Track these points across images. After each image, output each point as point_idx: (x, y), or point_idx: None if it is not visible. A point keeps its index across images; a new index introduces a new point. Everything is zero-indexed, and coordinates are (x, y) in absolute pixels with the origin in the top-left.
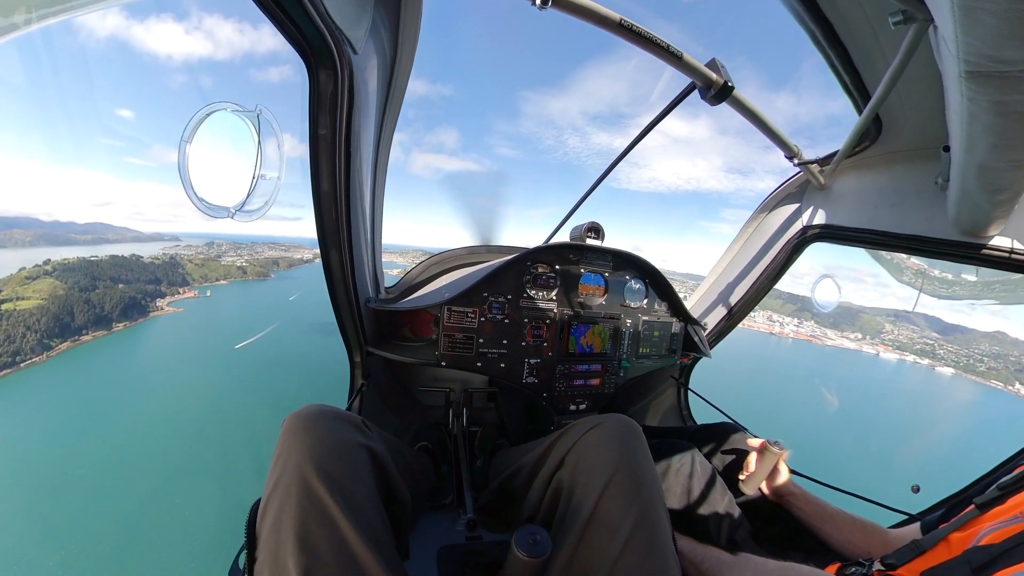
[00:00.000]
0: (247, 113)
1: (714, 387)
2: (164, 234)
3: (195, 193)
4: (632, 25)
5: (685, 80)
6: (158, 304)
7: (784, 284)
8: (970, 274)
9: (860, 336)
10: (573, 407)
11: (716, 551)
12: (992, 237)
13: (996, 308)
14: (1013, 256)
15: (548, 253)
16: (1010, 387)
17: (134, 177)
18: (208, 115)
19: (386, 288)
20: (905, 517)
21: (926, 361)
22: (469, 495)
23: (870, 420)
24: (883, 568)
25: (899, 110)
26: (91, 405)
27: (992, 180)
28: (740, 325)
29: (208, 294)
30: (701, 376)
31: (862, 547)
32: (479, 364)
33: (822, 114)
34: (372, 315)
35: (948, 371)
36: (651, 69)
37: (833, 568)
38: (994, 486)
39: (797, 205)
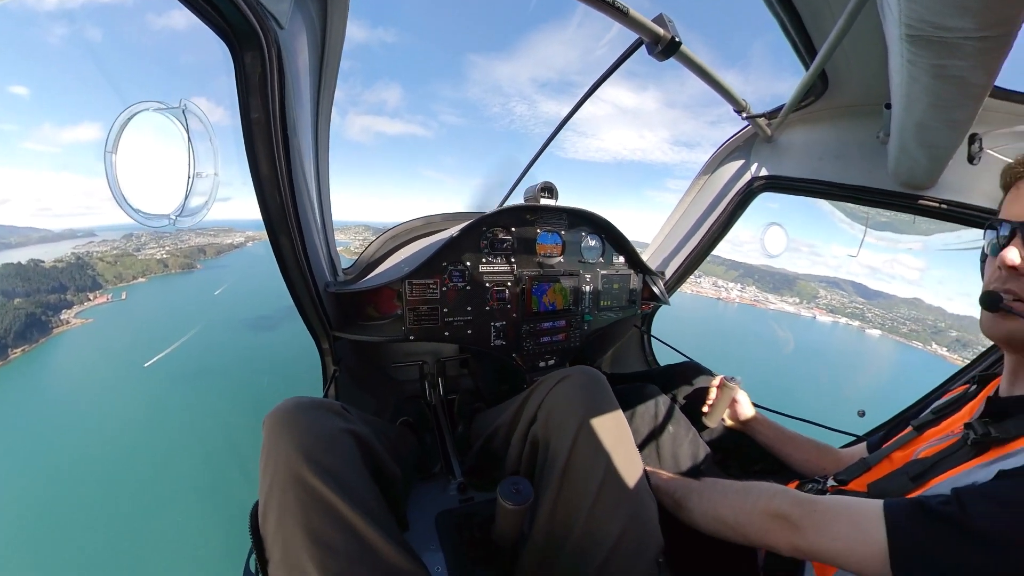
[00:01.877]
0: (171, 110)
1: (675, 337)
2: (77, 230)
3: (130, 206)
4: None
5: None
6: (63, 317)
7: (726, 252)
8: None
9: (798, 300)
10: (542, 363)
11: (686, 480)
12: (927, 189)
13: (914, 276)
14: (943, 207)
15: (504, 216)
16: (928, 347)
17: (36, 166)
18: (130, 119)
19: (343, 270)
20: (853, 438)
21: (856, 323)
22: (456, 460)
23: (818, 367)
24: (836, 483)
25: (845, 68)
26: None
27: (929, 137)
28: (691, 291)
29: (123, 296)
30: (664, 325)
31: (817, 465)
32: (447, 333)
33: (770, 70)
34: (333, 299)
35: (876, 332)
36: (602, 36)
37: (793, 485)
38: (928, 410)
39: (744, 160)
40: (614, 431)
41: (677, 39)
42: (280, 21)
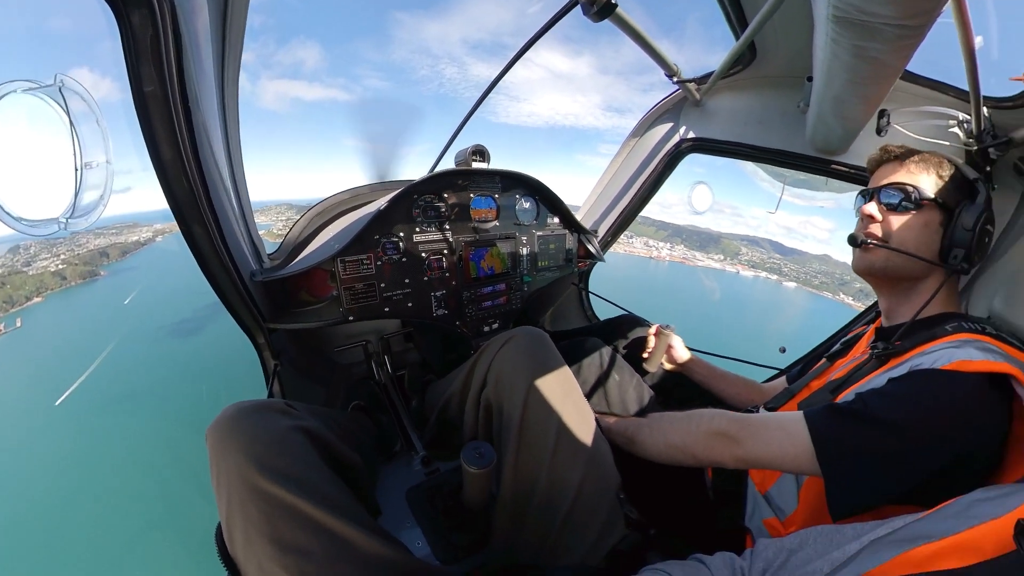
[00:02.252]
0: (45, 89)
1: (614, 293)
2: None
3: (8, 214)
4: None
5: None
6: None
7: (656, 213)
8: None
9: (722, 257)
10: (486, 328)
11: (635, 418)
12: (839, 155)
13: (824, 236)
14: (852, 171)
15: (435, 182)
16: (836, 296)
17: None
18: None
19: (269, 255)
20: (775, 371)
21: (775, 277)
22: (415, 435)
23: (743, 314)
24: (767, 411)
25: (772, 41)
26: None
27: (844, 109)
28: (624, 251)
29: (19, 323)
30: (602, 282)
31: (747, 398)
32: (387, 309)
33: (701, 41)
34: (262, 288)
35: (792, 285)
36: None
37: None
38: (838, 343)
39: (673, 123)
40: (562, 386)
41: (614, 0)
42: None
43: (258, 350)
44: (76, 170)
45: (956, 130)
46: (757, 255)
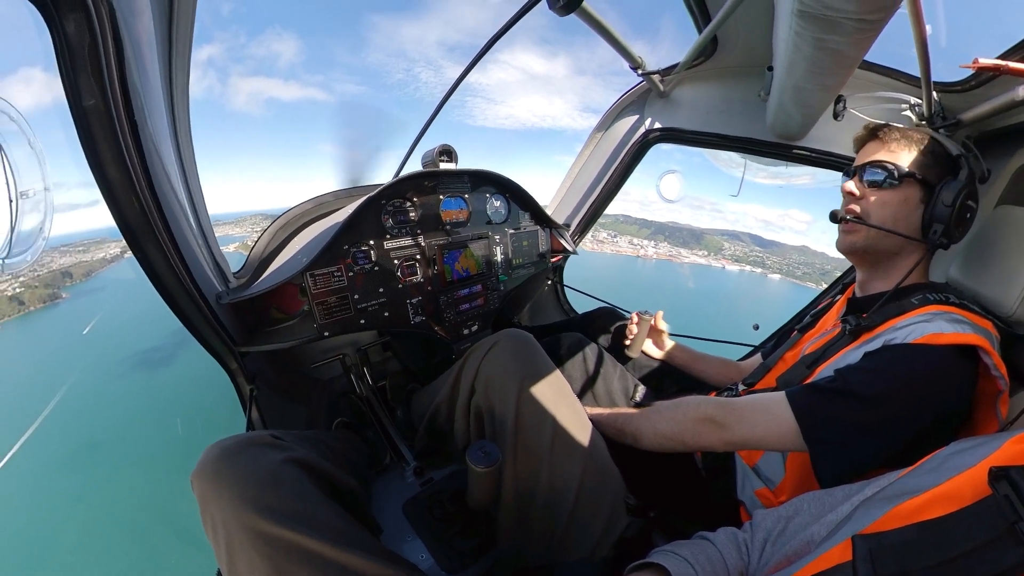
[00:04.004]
0: None
1: (604, 293)
2: None
3: None
4: None
5: None
6: None
7: (636, 211)
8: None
9: (706, 253)
10: (466, 331)
11: (624, 410)
12: (799, 140)
13: (801, 227)
14: (812, 155)
15: (402, 186)
16: (820, 286)
17: None
18: None
19: (234, 273)
20: (750, 349)
21: (759, 270)
22: (404, 447)
23: (730, 306)
24: (745, 387)
25: (733, 32)
26: None
27: (803, 98)
28: (611, 251)
29: None
30: (590, 282)
31: (726, 377)
32: (363, 321)
33: (665, 32)
34: (230, 310)
35: (776, 277)
36: None
37: (711, 396)
38: (808, 316)
39: (639, 115)
40: (552, 385)
41: None
42: None
43: (231, 376)
44: (10, 202)
45: (908, 113)
46: (739, 249)
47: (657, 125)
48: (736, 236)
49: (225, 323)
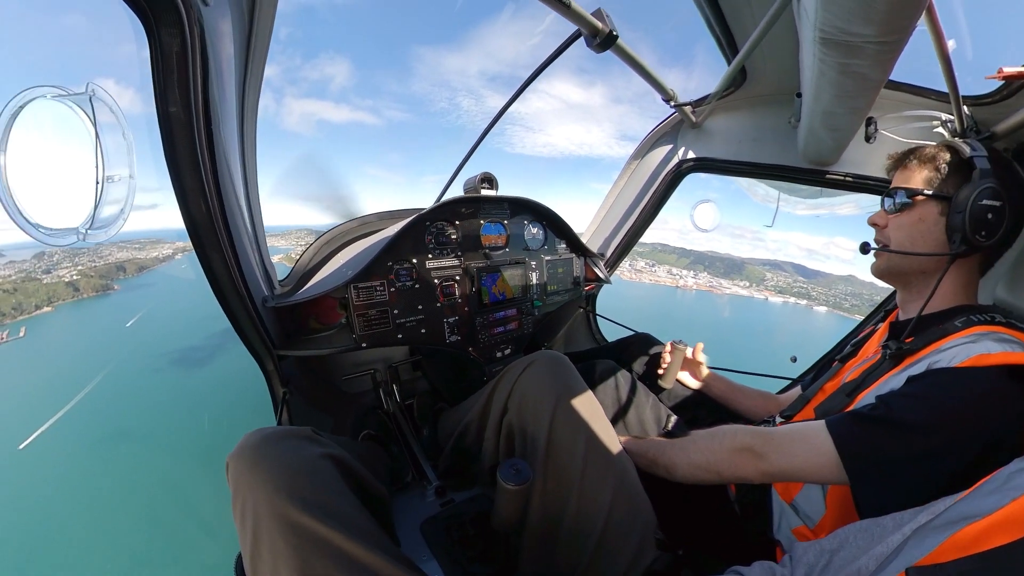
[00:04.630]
0: (75, 97)
1: (643, 324)
2: None
3: (26, 219)
4: None
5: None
6: None
7: (677, 241)
8: (815, 194)
9: (748, 284)
10: (499, 354)
11: (656, 439)
12: (832, 164)
13: (848, 255)
14: (847, 179)
15: (446, 209)
16: None
17: None
18: (22, 107)
19: (279, 282)
20: (789, 382)
21: (804, 302)
22: (427, 465)
23: (775, 341)
24: (783, 419)
25: (761, 62)
26: None
27: (833, 122)
28: (649, 281)
29: (22, 333)
30: (630, 314)
31: (764, 409)
32: (400, 336)
33: (691, 67)
34: (272, 314)
35: (823, 309)
36: (564, 33)
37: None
38: (848, 346)
39: (672, 144)
40: (587, 406)
41: (615, 32)
42: None
43: (267, 377)
44: (98, 182)
45: (941, 130)
46: (782, 279)
47: (691, 155)
48: (778, 266)
49: (268, 325)
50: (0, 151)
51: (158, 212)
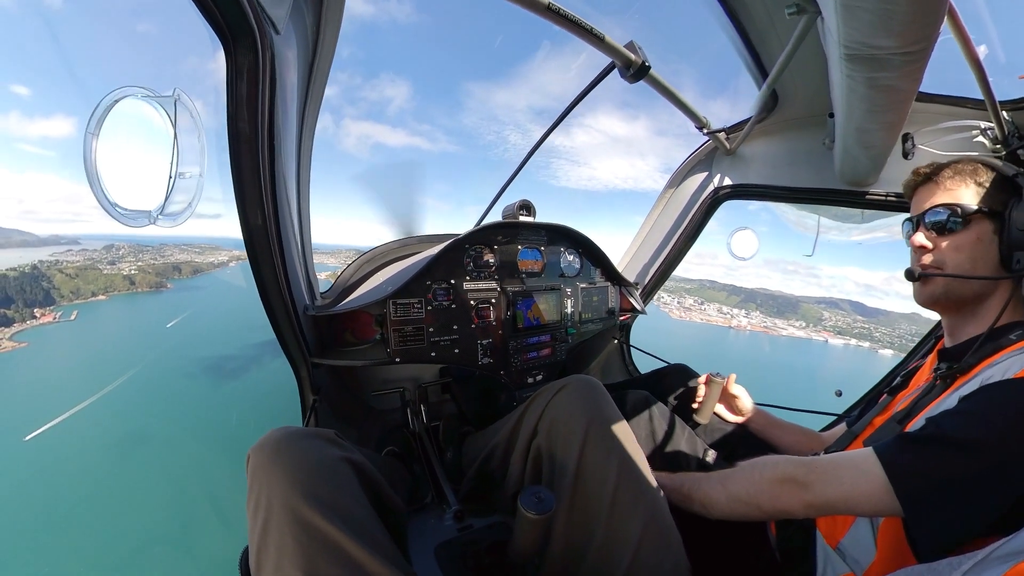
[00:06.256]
0: (162, 99)
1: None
2: (62, 236)
3: (108, 198)
4: (559, 9)
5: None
6: None
7: (726, 278)
8: (856, 217)
9: (804, 324)
10: (530, 380)
11: (690, 473)
12: (871, 185)
13: (910, 292)
14: (888, 199)
15: (485, 233)
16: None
17: (20, 167)
18: (116, 102)
19: (321, 293)
20: (834, 418)
21: (867, 344)
22: (448, 488)
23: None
24: None
25: (791, 85)
26: None
27: (868, 139)
28: (699, 319)
29: (73, 316)
30: (652, 338)
31: (806, 447)
32: (433, 354)
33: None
34: (311, 323)
35: (889, 352)
36: (597, 64)
37: None
38: (898, 377)
39: (707, 172)
40: (619, 433)
41: (647, 63)
42: (277, 25)
43: (300, 384)
44: (171, 176)
45: (981, 139)
46: (840, 319)
47: (727, 182)
48: (835, 304)
49: (306, 333)
50: (95, 134)
51: (221, 222)
